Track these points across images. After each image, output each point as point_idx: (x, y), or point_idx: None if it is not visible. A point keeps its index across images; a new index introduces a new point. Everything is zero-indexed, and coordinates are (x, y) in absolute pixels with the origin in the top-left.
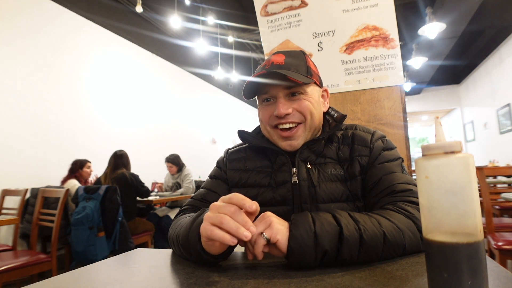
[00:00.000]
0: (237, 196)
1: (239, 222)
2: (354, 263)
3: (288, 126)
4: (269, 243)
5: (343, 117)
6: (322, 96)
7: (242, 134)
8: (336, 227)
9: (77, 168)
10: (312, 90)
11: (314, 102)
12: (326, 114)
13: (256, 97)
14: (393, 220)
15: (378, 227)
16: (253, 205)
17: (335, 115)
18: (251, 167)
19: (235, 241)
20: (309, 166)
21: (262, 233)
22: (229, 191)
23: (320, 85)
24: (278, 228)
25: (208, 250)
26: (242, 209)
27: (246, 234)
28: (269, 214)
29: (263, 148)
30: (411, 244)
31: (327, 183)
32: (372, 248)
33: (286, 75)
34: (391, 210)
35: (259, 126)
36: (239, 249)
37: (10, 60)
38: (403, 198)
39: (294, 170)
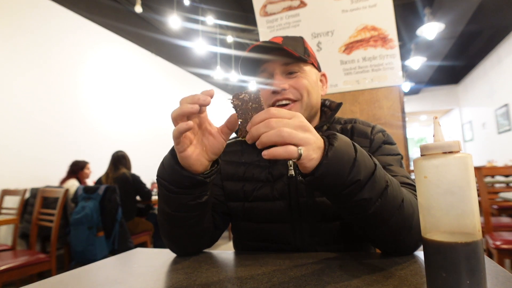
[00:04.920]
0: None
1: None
2: (364, 212)
3: (284, 102)
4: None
5: (339, 104)
6: (321, 80)
7: None
8: (372, 164)
9: (78, 170)
10: (310, 71)
11: (312, 81)
12: (322, 105)
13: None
14: (410, 197)
15: (400, 192)
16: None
17: (330, 104)
18: (248, 160)
19: (196, 106)
20: None
21: (297, 146)
22: (222, 183)
23: (318, 68)
24: (316, 147)
25: (187, 164)
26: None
27: (205, 93)
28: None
29: None
30: (416, 232)
31: None
32: (388, 206)
33: (282, 46)
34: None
35: None
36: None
37: (9, 60)
38: (409, 190)
39: (291, 162)
